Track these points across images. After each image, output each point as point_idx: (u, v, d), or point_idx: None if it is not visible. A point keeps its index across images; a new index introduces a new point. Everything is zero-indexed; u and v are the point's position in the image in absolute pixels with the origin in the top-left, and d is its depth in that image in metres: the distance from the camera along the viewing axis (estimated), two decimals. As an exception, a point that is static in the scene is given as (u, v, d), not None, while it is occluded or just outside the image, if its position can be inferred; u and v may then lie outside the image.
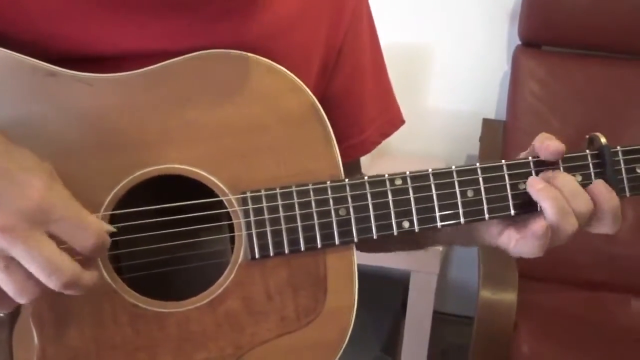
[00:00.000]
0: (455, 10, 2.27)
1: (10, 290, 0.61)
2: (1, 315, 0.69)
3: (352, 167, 0.93)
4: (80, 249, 0.62)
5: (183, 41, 0.75)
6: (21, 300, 0.61)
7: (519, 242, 0.77)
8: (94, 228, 0.63)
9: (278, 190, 0.75)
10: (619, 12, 2.06)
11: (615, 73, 2.14)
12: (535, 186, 0.76)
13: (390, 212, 0.77)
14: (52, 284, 0.60)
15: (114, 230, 0.67)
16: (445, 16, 2.28)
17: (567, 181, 0.76)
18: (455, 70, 2.33)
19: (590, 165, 0.79)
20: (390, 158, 2.19)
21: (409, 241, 0.90)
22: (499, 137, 2.22)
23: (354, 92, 0.90)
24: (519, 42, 2.21)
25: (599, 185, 0.77)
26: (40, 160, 0.64)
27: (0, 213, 0.58)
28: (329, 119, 0.78)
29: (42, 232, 0.60)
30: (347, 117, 0.83)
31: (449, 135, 2.39)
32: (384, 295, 2.19)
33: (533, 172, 0.78)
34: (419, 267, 1.97)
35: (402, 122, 0.97)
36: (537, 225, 0.75)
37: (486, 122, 2.30)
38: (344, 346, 0.79)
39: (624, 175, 0.79)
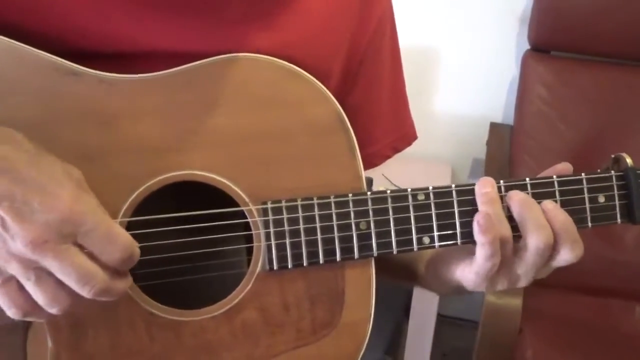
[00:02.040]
0: (465, 14, 2.26)
1: (41, 301, 0.61)
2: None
3: None
4: (108, 261, 0.62)
5: (203, 43, 0.75)
6: (52, 310, 0.62)
7: (467, 273, 0.77)
8: (122, 241, 0.63)
9: (299, 202, 0.74)
10: (628, 18, 2.06)
11: (624, 79, 2.13)
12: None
13: (411, 228, 0.76)
14: (85, 292, 0.61)
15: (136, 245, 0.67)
16: (455, 20, 2.28)
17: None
18: (464, 74, 2.33)
19: (615, 186, 0.78)
20: (397, 160, 2.18)
21: (406, 273, 0.90)
22: (506, 141, 2.21)
23: (370, 104, 0.90)
24: (528, 47, 2.21)
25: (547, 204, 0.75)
26: (69, 167, 0.64)
27: (30, 226, 0.58)
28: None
29: (71, 243, 0.60)
30: (360, 129, 0.83)
31: (456, 138, 2.39)
32: (387, 297, 2.18)
33: (557, 191, 0.77)
34: (424, 269, 1.96)
35: (415, 138, 0.97)
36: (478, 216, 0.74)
37: (493, 126, 2.30)
38: (359, 358, 0.79)
39: None
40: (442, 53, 2.33)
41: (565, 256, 0.75)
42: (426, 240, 0.76)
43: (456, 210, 0.76)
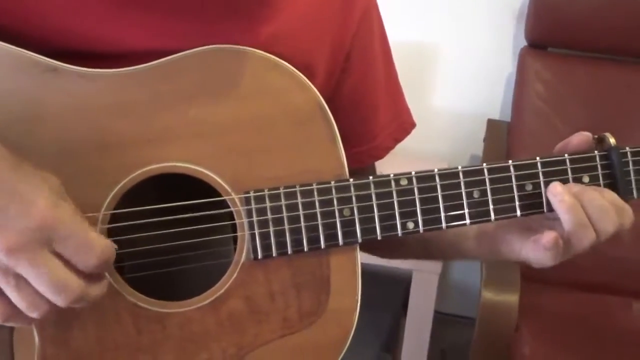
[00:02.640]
0: (462, 11, 2.26)
1: (22, 306, 0.61)
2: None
3: (368, 172, 0.91)
4: (84, 268, 0.62)
5: (186, 41, 0.75)
6: (33, 314, 0.62)
7: (535, 253, 0.77)
8: (97, 248, 0.63)
9: (282, 190, 0.74)
10: (626, 14, 2.06)
11: (621, 76, 2.13)
12: (558, 196, 0.75)
13: (395, 213, 0.76)
14: (60, 302, 0.61)
15: (115, 247, 0.66)
16: (452, 16, 2.28)
17: (595, 198, 0.75)
18: (461, 70, 2.33)
19: (599, 166, 0.78)
20: (393, 157, 2.18)
21: (419, 248, 0.90)
22: (503, 137, 2.21)
23: (366, 97, 0.90)
24: (525, 43, 2.21)
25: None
26: (46, 175, 0.64)
27: (7, 233, 0.58)
28: (340, 123, 0.77)
29: (47, 250, 0.60)
30: (359, 123, 0.83)
31: (453, 135, 2.39)
32: (385, 295, 2.19)
33: (540, 172, 0.77)
34: (421, 266, 1.97)
35: (413, 126, 0.97)
36: (546, 239, 0.74)
37: (491, 123, 2.30)
38: (346, 347, 0.79)
39: (632, 176, 0.78)
40: (439, 50, 2.33)
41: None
42: (410, 225, 0.76)
43: (439, 194, 0.76)
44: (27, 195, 0.60)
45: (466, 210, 0.77)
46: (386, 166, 0.96)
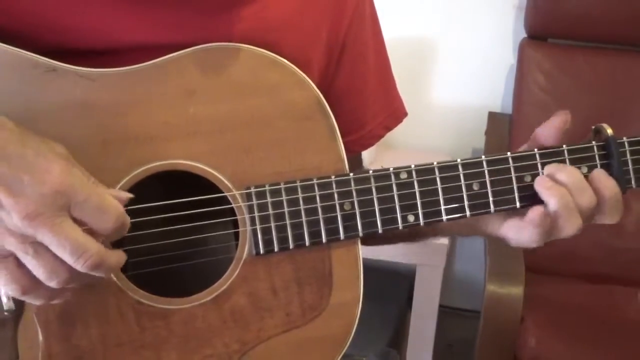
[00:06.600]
0: (462, 3, 2.26)
1: (40, 274, 0.61)
2: (5, 313, 0.69)
3: (354, 161, 0.93)
4: (101, 230, 0.63)
5: (182, 34, 0.75)
6: (52, 283, 0.62)
7: (519, 231, 0.78)
8: (113, 210, 0.63)
9: (282, 185, 0.75)
10: (626, 4, 2.05)
11: (622, 65, 2.12)
12: (543, 184, 0.76)
13: (395, 206, 0.76)
14: (79, 265, 0.61)
15: (132, 196, 0.68)
16: (451, 9, 2.27)
17: (573, 175, 0.76)
18: (461, 63, 2.32)
19: (597, 156, 0.79)
20: (395, 152, 2.19)
21: (408, 234, 0.90)
22: (505, 130, 2.21)
23: (357, 88, 0.91)
24: (525, 35, 2.20)
25: (599, 174, 0.77)
26: (53, 144, 0.64)
27: (24, 200, 0.59)
28: (332, 114, 0.78)
29: (65, 215, 0.61)
30: (350, 112, 0.83)
31: (455, 128, 2.38)
32: (389, 289, 2.19)
33: (539, 163, 0.78)
34: (425, 260, 1.97)
35: (405, 114, 0.97)
36: (534, 213, 0.75)
37: (492, 116, 2.29)
38: (349, 341, 0.79)
39: (630, 166, 0.79)
40: (439, 43, 2.32)
41: (609, 214, 0.78)
42: (411, 218, 0.77)
43: (439, 187, 0.77)
44: (39, 163, 0.61)
45: (466, 203, 0.77)
46: (388, 160, 0.96)
